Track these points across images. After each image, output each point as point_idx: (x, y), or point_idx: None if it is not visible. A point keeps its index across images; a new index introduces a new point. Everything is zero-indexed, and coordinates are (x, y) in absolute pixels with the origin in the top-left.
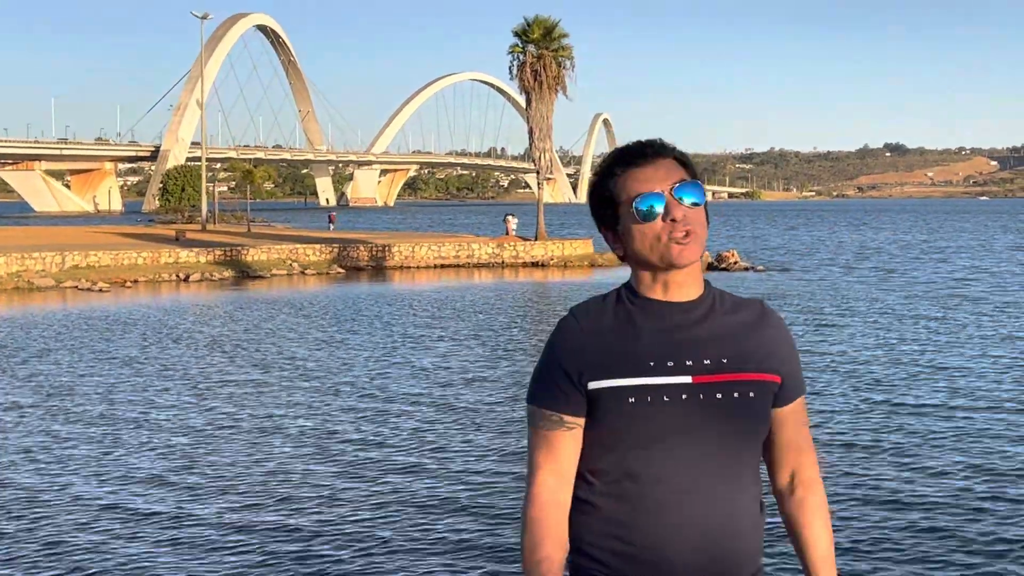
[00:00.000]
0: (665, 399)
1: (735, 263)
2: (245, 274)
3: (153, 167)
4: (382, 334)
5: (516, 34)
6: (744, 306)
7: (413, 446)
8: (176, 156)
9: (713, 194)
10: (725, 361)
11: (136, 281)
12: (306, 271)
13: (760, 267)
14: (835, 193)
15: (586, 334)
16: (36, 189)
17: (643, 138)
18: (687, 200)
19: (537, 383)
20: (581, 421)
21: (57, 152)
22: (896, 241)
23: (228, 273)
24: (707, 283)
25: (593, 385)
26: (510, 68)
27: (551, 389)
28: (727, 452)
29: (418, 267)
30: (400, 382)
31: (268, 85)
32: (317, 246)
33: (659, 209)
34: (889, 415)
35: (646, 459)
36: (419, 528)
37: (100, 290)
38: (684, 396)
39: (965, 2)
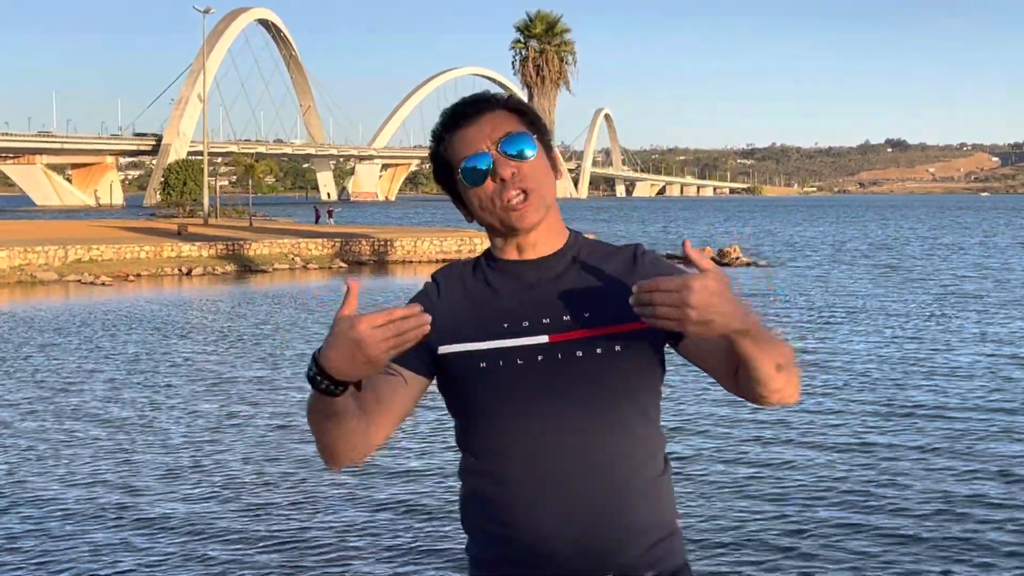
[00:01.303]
0: (519, 362)
1: (737, 259)
2: (247, 268)
3: (154, 161)
4: None
5: (518, 29)
6: (616, 254)
7: (426, 444)
8: (177, 150)
9: (714, 189)
10: (587, 315)
11: (139, 275)
12: (308, 265)
13: (763, 262)
14: (836, 189)
15: (442, 299)
16: (37, 183)
17: (474, 94)
18: (514, 153)
19: None
20: (407, 375)
21: (58, 146)
22: (899, 237)
23: (230, 267)
24: (575, 234)
25: (443, 350)
26: (512, 63)
27: None
28: (599, 415)
29: (420, 261)
30: None
31: (269, 79)
32: (319, 240)
33: (485, 170)
34: (885, 415)
35: (506, 430)
36: (427, 528)
37: (103, 284)
38: (540, 358)
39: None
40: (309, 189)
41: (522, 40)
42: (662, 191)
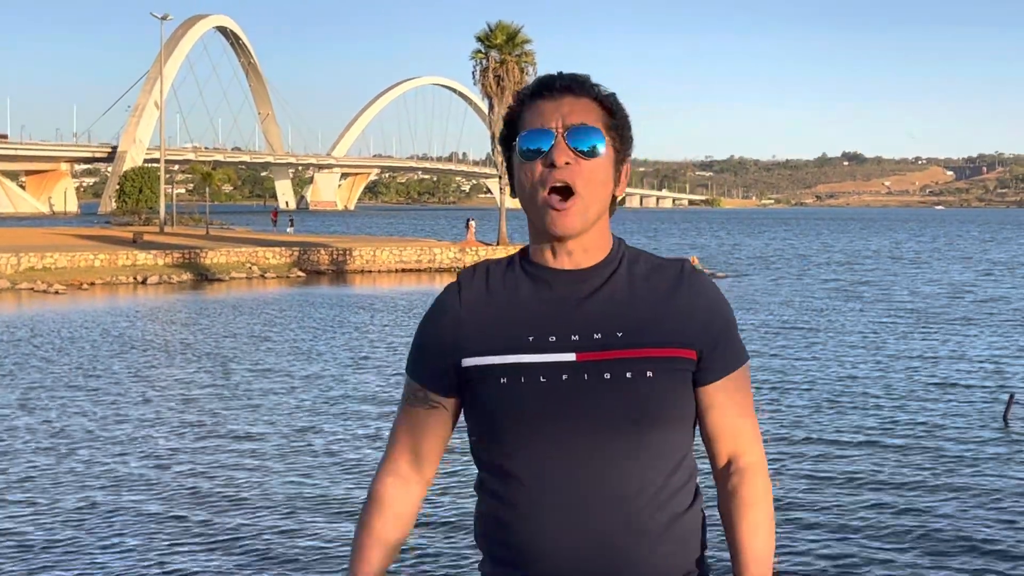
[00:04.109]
0: (541, 379)
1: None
2: (204, 277)
3: (110, 168)
4: (348, 339)
5: (479, 39)
6: (661, 269)
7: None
8: (133, 157)
9: (673, 201)
10: (620, 335)
11: (93, 283)
12: (266, 274)
13: (721, 273)
14: (793, 201)
15: (466, 303)
16: None
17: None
18: (579, 146)
19: (412, 353)
20: (447, 402)
21: (12, 152)
22: (857, 251)
23: (186, 276)
24: (620, 242)
25: (467, 362)
26: (473, 73)
27: (421, 360)
28: (622, 444)
29: (379, 271)
30: (372, 389)
31: (228, 87)
32: (277, 249)
33: (542, 149)
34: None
35: (522, 451)
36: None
37: (56, 292)
38: (564, 376)
39: (920, 13)
40: (267, 197)
41: (483, 50)
42: (622, 201)
